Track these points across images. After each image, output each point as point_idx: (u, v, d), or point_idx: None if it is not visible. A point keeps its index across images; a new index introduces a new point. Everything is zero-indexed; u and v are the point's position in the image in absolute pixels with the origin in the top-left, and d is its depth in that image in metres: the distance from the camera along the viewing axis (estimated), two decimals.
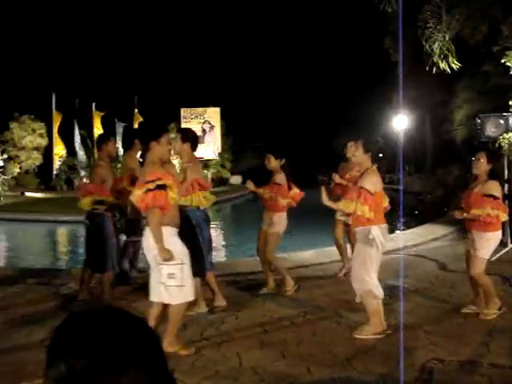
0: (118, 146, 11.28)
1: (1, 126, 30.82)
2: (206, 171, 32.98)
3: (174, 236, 5.15)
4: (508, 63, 11.66)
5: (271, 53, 54.13)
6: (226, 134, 41.71)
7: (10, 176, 29.25)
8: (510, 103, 11.85)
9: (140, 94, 38.33)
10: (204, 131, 37.69)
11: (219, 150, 39.45)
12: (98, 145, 7.43)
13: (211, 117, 38.95)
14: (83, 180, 34.52)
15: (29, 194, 29.78)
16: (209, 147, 38.17)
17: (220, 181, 41.49)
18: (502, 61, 11.89)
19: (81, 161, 34.99)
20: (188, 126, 28.23)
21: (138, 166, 6.95)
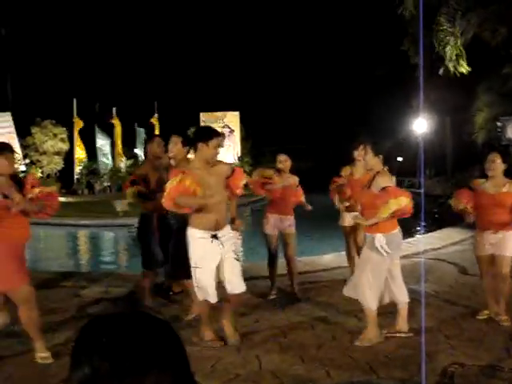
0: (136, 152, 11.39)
1: (23, 131, 31.14)
2: None
3: (196, 238, 5.40)
4: None
5: (288, 56, 54.13)
6: (245, 138, 41.75)
7: None
8: None
9: (160, 99, 38.57)
10: (223, 135, 37.73)
11: (239, 154, 39.51)
12: (144, 145, 7.62)
13: (231, 121, 39.06)
14: (103, 184, 34.91)
15: None
16: (228, 151, 38.25)
17: None
18: None
19: (101, 165, 35.29)
20: None
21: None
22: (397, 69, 31.03)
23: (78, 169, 34.64)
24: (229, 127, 38.86)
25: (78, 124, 33.97)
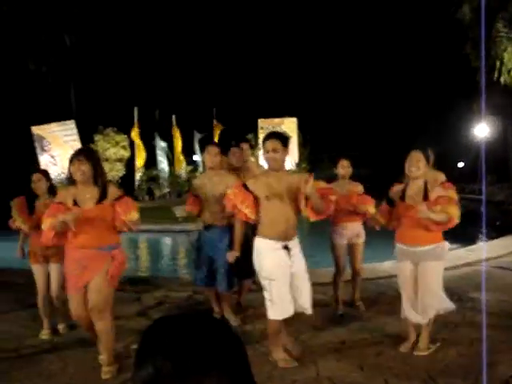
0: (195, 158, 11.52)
1: (86, 139, 31.85)
2: None
3: (267, 250, 5.16)
4: None
5: (346, 62, 53.87)
6: (302, 145, 41.63)
7: None
8: None
9: (218, 105, 38.94)
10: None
11: (296, 161, 39.42)
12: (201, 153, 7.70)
13: (288, 127, 39.04)
14: (163, 190, 35.47)
15: None
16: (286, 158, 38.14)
17: None
18: None
19: (161, 172, 35.89)
20: None
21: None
22: (458, 73, 30.48)
23: (138, 175, 35.28)
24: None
25: (138, 131, 34.54)
